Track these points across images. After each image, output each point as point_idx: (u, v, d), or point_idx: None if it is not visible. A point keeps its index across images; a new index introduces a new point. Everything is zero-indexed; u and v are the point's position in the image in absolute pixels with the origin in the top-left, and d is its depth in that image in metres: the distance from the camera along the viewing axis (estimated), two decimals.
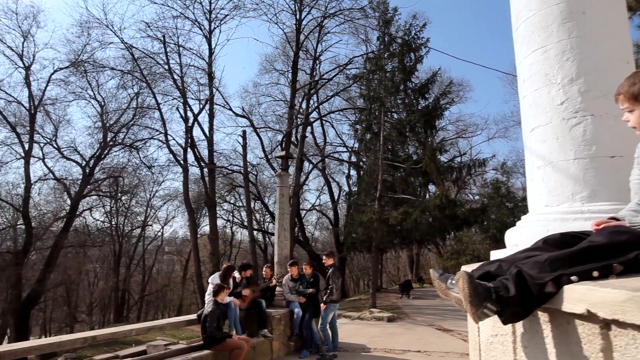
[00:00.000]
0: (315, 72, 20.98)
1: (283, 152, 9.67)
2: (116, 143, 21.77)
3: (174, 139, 21.44)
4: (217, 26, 20.14)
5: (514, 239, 2.29)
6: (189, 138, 19.66)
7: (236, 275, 6.89)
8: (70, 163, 22.02)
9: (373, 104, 16.57)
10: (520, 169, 25.68)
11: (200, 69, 20.28)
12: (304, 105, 20.39)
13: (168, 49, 19.42)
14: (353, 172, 25.14)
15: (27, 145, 19.08)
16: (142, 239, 32.66)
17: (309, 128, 21.93)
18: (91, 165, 21.21)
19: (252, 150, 30.12)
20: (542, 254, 1.41)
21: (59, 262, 21.06)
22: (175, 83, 19.53)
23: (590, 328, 1.19)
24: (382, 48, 16.85)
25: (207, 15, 19.80)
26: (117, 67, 20.07)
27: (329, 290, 6.91)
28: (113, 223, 28.99)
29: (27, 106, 19.26)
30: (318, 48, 20.85)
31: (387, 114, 15.98)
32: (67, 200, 22.04)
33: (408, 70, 16.84)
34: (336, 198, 25.39)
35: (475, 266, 1.69)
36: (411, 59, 16.98)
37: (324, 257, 7.39)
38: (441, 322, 10.36)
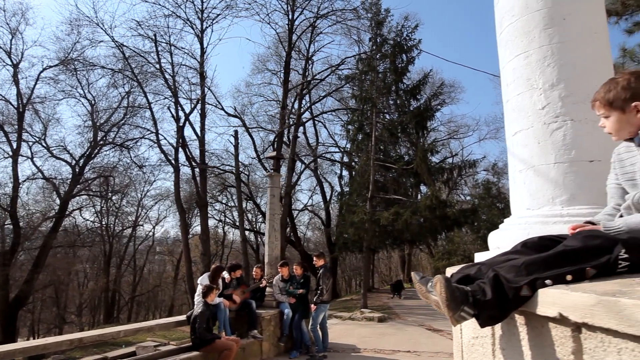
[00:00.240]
0: (307, 73, 20.99)
1: (274, 153, 9.68)
2: (107, 142, 21.58)
3: (165, 139, 21.39)
4: (209, 25, 20.10)
5: (497, 242, 2.32)
6: (181, 138, 19.56)
7: (225, 276, 6.87)
8: (59, 162, 21.79)
9: (365, 105, 16.63)
10: None
11: (192, 68, 20.21)
12: (296, 105, 20.41)
13: (159, 48, 19.33)
14: (345, 173, 25.22)
15: (15, 143, 18.81)
16: (133, 239, 32.39)
17: (302, 128, 21.95)
18: (81, 164, 20.98)
19: (244, 150, 30.14)
20: (520, 258, 1.43)
21: (48, 263, 20.79)
22: (166, 82, 19.41)
23: (562, 331, 1.21)
24: (374, 49, 16.91)
25: (199, 14, 19.73)
26: (108, 66, 19.96)
27: (320, 291, 6.93)
28: (103, 223, 28.71)
29: (15, 104, 19.00)
30: (310, 48, 20.91)
31: (379, 115, 16.04)
32: (57, 199, 21.83)
33: (400, 71, 16.93)
34: (328, 198, 25.43)
35: (458, 268, 1.71)
36: (403, 60, 17.07)
37: (315, 258, 7.43)
38: (431, 322, 10.43)
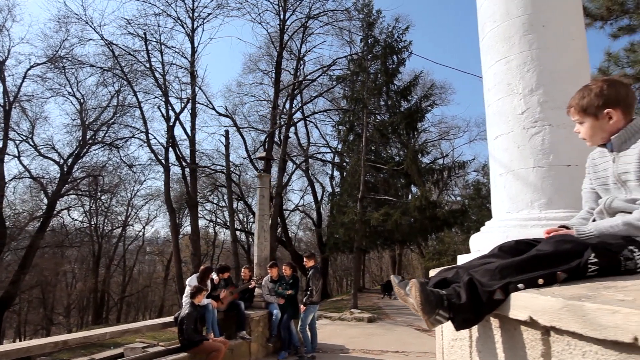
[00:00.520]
0: (299, 73, 20.99)
1: (264, 153, 9.67)
2: (96, 141, 21.33)
3: (155, 138, 21.32)
4: (200, 25, 19.98)
5: (478, 245, 2.35)
6: (171, 137, 19.42)
7: (214, 277, 6.85)
8: (47, 161, 21.49)
9: (356, 105, 16.67)
10: None
11: (182, 68, 20.09)
12: (288, 105, 20.38)
13: (149, 47, 19.18)
14: (336, 173, 25.26)
15: (2, 142, 18.46)
16: (123, 239, 31.99)
17: (293, 128, 21.94)
18: (69, 163, 20.70)
19: (235, 150, 30.04)
20: (496, 261, 1.45)
21: (35, 263, 20.49)
22: (156, 81, 19.25)
23: (533, 334, 1.23)
24: (366, 50, 16.93)
25: (190, 13, 19.62)
26: (97, 64, 19.73)
27: (309, 291, 6.94)
28: (92, 223, 28.33)
29: (2, 102, 18.66)
30: (302, 49, 20.92)
31: (370, 116, 16.08)
32: (44, 199, 21.49)
33: (391, 72, 16.98)
34: (319, 199, 25.44)
35: (437, 271, 1.74)
36: (394, 62, 17.12)
37: (305, 259, 7.43)
38: (420, 323, 10.48)
